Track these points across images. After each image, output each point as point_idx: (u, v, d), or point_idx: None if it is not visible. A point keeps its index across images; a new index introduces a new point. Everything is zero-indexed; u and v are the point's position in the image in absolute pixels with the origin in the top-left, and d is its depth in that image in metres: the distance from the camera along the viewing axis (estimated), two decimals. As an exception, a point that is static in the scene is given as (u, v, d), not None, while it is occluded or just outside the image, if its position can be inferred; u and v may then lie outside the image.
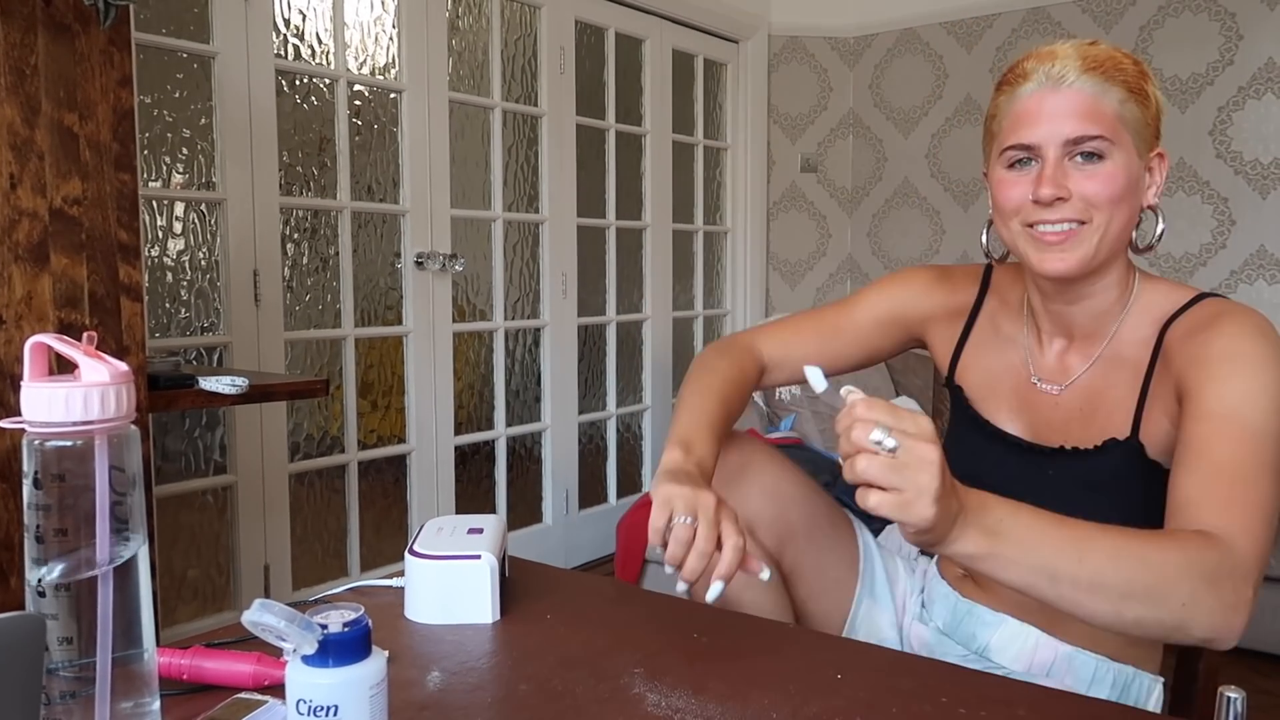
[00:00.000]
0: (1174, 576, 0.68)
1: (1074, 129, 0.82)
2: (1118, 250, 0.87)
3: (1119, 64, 0.84)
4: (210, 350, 2.10)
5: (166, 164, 2.02)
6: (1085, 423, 0.90)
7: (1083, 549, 0.68)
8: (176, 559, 2.05)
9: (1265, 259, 2.96)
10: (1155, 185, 0.89)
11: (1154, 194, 0.88)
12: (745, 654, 0.76)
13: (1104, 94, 0.82)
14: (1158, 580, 0.67)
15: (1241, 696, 0.52)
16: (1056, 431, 0.92)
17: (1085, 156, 0.83)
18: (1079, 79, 0.82)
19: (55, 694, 0.53)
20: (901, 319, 1.06)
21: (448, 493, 2.63)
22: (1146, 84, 0.85)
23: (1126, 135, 0.84)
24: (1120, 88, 0.83)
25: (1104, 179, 0.83)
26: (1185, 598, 0.67)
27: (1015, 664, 0.95)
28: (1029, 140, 0.84)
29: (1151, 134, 0.86)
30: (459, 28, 2.62)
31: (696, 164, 3.50)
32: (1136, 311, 0.90)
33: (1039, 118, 0.84)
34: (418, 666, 0.74)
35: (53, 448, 0.53)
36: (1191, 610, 0.67)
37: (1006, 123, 0.87)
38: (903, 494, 0.62)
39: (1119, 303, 0.90)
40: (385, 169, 2.45)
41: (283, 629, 0.51)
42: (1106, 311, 0.91)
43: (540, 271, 2.90)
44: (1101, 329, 0.91)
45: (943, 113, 3.52)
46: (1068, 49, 0.84)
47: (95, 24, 1.13)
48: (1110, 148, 0.83)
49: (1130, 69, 0.84)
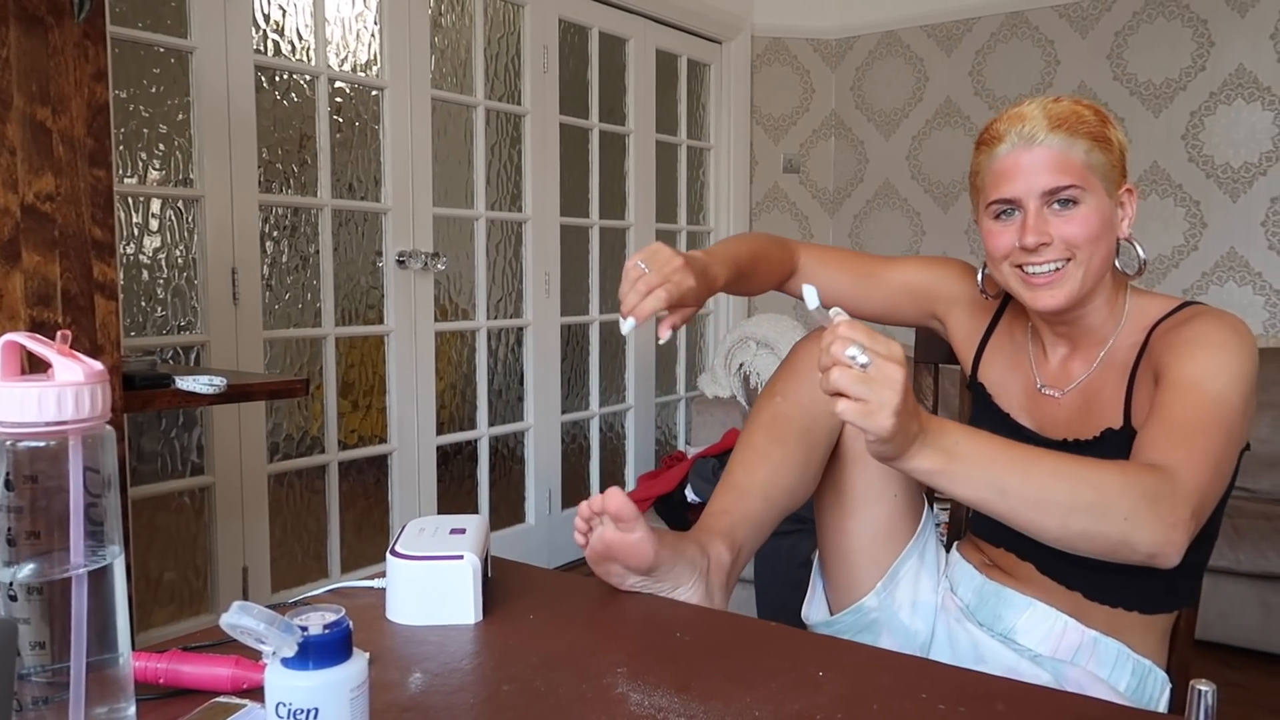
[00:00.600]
0: (1116, 493, 0.75)
1: (1049, 181, 0.92)
2: (1102, 275, 0.95)
3: (1081, 117, 0.93)
4: (187, 349, 2.08)
5: (143, 160, 2.00)
6: (1085, 419, 0.98)
7: (1031, 468, 0.76)
8: (153, 561, 2.03)
9: (1235, 261, 3.00)
10: (1127, 218, 0.97)
11: (1126, 225, 0.97)
12: (728, 652, 0.76)
13: (1071, 147, 0.92)
14: (1100, 496, 0.75)
15: (1212, 689, 0.53)
16: (1060, 428, 1.00)
17: (1061, 204, 0.92)
18: (1047, 136, 0.92)
19: (28, 700, 0.52)
20: (931, 294, 1.13)
21: (430, 493, 2.62)
22: (1108, 129, 0.94)
23: (1095, 180, 0.93)
24: (1085, 139, 0.92)
25: (1080, 221, 0.92)
26: (1127, 512, 0.75)
27: (1041, 646, 0.98)
28: (1010, 195, 0.94)
29: (1118, 174, 0.95)
30: (442, 25, 2.60)
31: (680, 164, 3.50)
32: (1129, 322, 0.98)
33: (1016, 174, 0.93)
34: (399, 668, 0.73)
35: (25, 448, 0.52)
36: (1133, 524, 0.75)
37: (989, 179, 0.96)
38: (868, 404, 0.70)
39: (1112, 317, 0.99)
40: (367, 167, 2.43)
41: (262, 631, 0.51)
42: (1101, 326, 0.99)
43: (523, 270, 2.89)
44: (1098, 338, 1.00)
45: (923, 115, 3.54)
46: (1034, 109, 0.94)
47: (69, 17, 1.12)
48: (1082, 193, 0.92)
49: (1092, 119, 0.93)
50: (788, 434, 1.03)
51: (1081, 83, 3.21)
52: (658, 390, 3.49)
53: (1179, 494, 0.77)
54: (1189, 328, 0.90)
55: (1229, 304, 3.01)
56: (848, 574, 1.07)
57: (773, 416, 1.04)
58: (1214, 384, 0.84)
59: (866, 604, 1.05)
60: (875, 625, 1.06)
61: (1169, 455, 0.80)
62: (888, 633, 1.05)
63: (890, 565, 1.05)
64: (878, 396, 0.69)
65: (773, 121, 3.70)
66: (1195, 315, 0.92)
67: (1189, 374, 0.85)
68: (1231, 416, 0.83)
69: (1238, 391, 0.84)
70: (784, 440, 1.02)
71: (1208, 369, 0.85)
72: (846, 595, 1.08)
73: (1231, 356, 0.86)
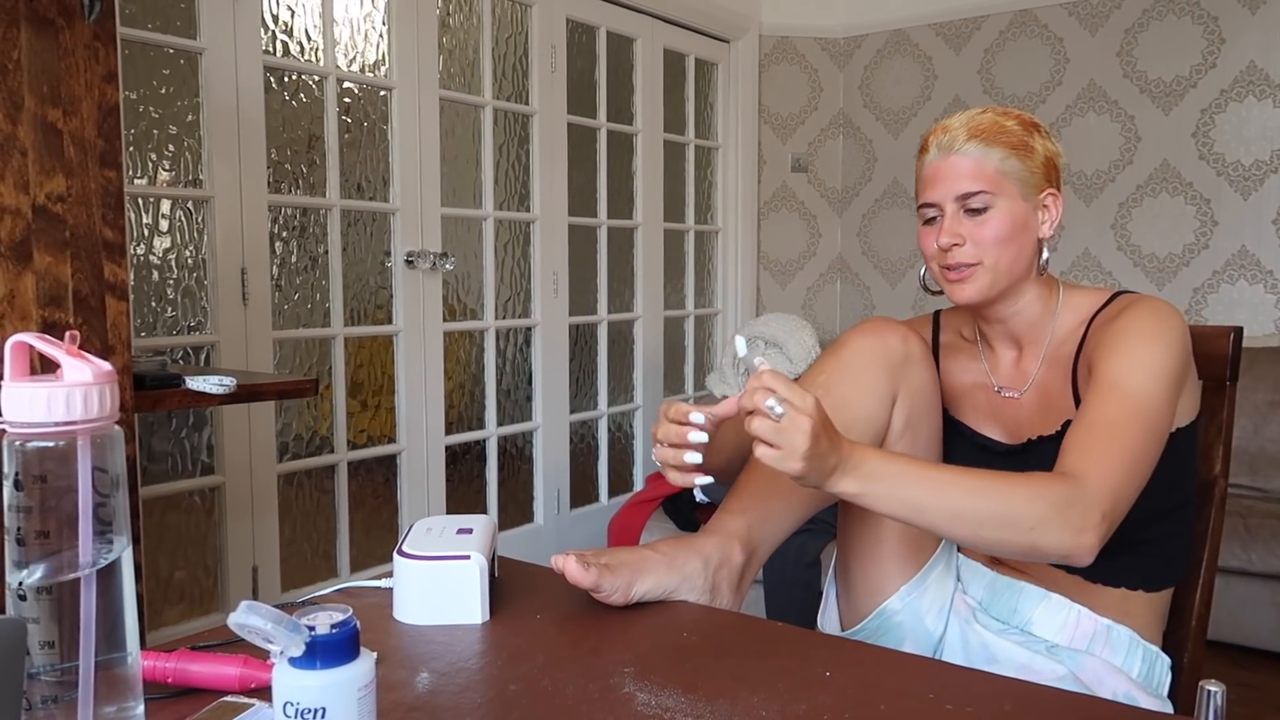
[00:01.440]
0: (1022, 505, 0.82)
1: (962, 187, 1.00)
2: (1016, 277, 1.02)
3: (1001, 128, 1.00)
4: (197, 349, 2.09)
5: (153, 161, 2.01)
6: (1045, 414, 1.04)
7: (944, 488, 0.83)
8: (163, 560, 2.04)
9: (1247, 259, 2.98)
10: (1049, 220, 1.03)
11: (1048, 228, 1.03)
12: (734, 652, 0.76)
13: (986, 156, 0.99)
14: (1007, 509, 0.82)
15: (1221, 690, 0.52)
16: (1025, 427, 1.05)
17: (973, 210, 1.00)
18: (964, 145, 1.00)
19: (37, 699, 0.52)
20: None
21: (438, 493, 2.62)
22: (1032, 138, 1.01)
23: (1009, 186, 1.00)
24: (1001, 148, 0.99)
25: (989, 226, 1.00)
26: (1033, 523, 0.82)
27: (1057, 636, 1.00)
28: (931, 199, 1.03)
29: (1040, 179, 1.01)
30: (450, 25, 2.61)
31: (687, 163, 3.50)
32: (1065, 315, 1.05)
33: (936, 180, 1.02)
34: (406, 667, 0.73)
35: (34, 448, 0.52)
36: (1039, 533, 0.82)
37: (919, 186, 1.05)
38: (780, 450, 0.77)
39: (1047, 311, 1.05)
40: (375, 167, 2.44)
41: (269, 631, 0.51)
42: (1038, 320, 1.06)
43: (531, 270, 2.89)
44: (1039, 334, 1.06)
45: (931, 113, 3.53)
46: (959, 121, 1.02)
47: (80, 18, 1.12)
48: (993, 199, 0.99)
49: (1014, 129, 1.00)
50: None
51: (1091, 80, 3.20)
52: (666, 390, 3.49)
53: (1088, 499, 0.83)
54: (1117, 321, 0.96)
55: (1240, 303, 2.99)
56: (873, 575, 1.05)
57: None
58: (1133, 380, 0.90)
59: (890, 606, 1.04)
60: (899, 629, 1.04)
61: (1084, 460, 0.86)
62: (911, 639, 1.04)
63: (920, 567, 1.04)
64: (789, 443, 0.76)
65: (781, 121, 3.70)
66: (1125, 307, 0.98)
67: (1111, 372, 0.92)
68: (1152, 409, 0.89)
69: (1160, 382, 0.90)
70: None
71: (1129, 364, 0.91)
72: (869, 598, 1.06)
73: (1155, 345, 0.92)
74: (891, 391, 1.03)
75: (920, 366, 1.04)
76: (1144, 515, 0.97)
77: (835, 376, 1.04)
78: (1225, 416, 1.07)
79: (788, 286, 3.77)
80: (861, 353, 1.03)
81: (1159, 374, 0.91)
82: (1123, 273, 3.19)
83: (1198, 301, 3.06)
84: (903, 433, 1.04)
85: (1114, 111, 3.17)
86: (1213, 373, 1.06)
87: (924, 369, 1.05)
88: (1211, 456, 1.07)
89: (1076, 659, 0.97)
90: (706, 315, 3.66)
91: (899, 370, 1.03)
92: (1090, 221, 3.23)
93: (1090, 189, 3.23)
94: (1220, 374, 1.06)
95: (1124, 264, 3.19)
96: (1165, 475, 0.96)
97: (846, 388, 1.02)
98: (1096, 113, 3.20)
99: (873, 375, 1.02)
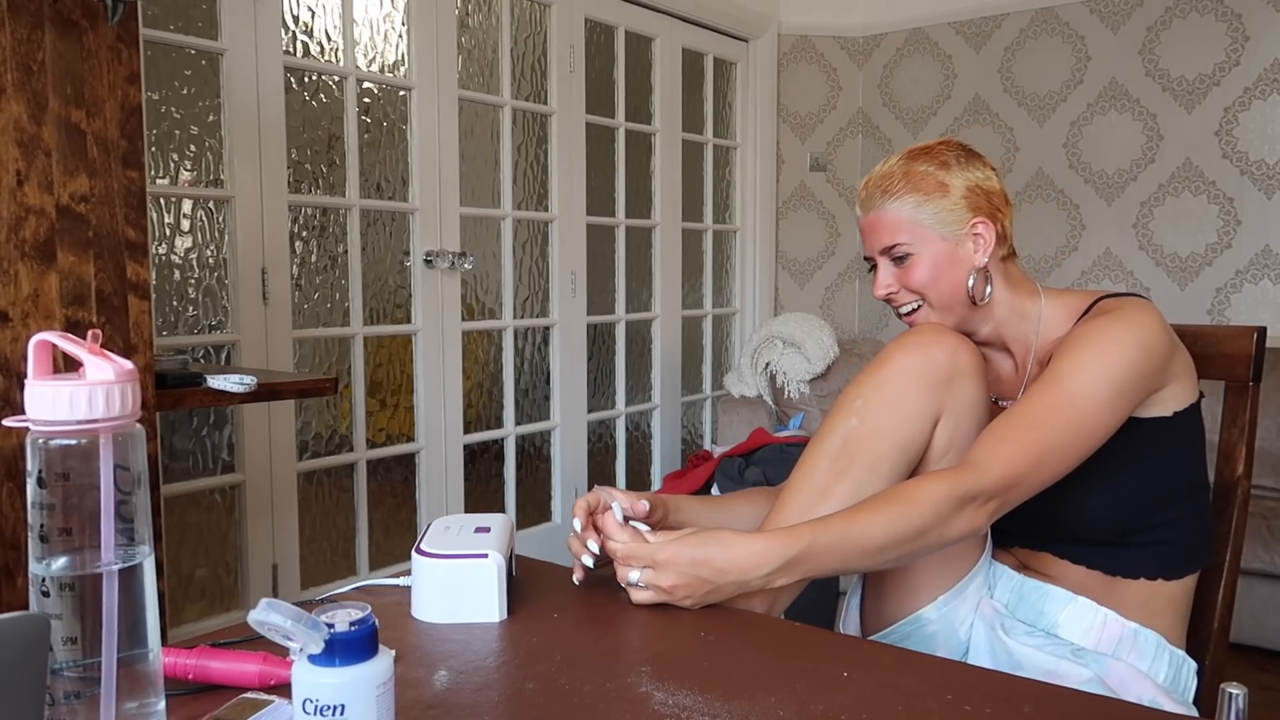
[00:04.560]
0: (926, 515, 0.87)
1: (883, 241, 1.05)
2: (961, 306, 1.05)
3: (911, 176, 1.03)
4: (218, 348, 2.11)
5: (174, 161, 2.03)
6: None
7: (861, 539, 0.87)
8: (185, 558, 2.06)
9: (1271, 259, 2.94)
10: (981, 249, 1.04)
11: (981, 256, 1.04)
12: (751, 652, 0.76)
13: (898, 208, 1.04)
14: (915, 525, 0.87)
15: (1243, 693, 0.52)
16: None
17: (897, 259, 1.05)
18: (878, 202, 1.05)
19: (59, 694, 0.53)
20: None
21: (457, 491, 2.63)
22: (948, 174, 1.03)
23: (925, 231, 1.03)
24: (913, 195, 1.03)
25: (914, 272, 1.04)
26: (939, 525, 0.88)
27: (1084, 639, 0.98)
28: (866, 254, 1.10)
29: (962, 211, 1.03)
30: (469, 25, 2.62)
31: (706, 163, 3.49)
32: (1050, 321, 1.06)
33: (865, 236, 1.09)
34: (424, 665, 0.73)
35: (57, 446, 0.53)
36: (944, 530, 0.88)
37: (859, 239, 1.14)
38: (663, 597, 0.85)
39: (1028, 322, 1.07)
40: (394, 167, 2.45)
41: (289, 628, 0.51)
42: (1020, 332, 1.08)
43: (549, 270, 2.90)
44: (1026, 345, 1.08)
45: (951, 113, 3.51)
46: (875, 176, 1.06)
47: (103, 20, 1.13)
48: (911, 246, 1.04)
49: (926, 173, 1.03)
50: (856, 466, 0.95)
51: (1113, 79, 3.16)
52: (684, 389, 3.48)
53: (978, 487, 0.88)
54: (1084, 325, 0.98)
55: (1264, 303, 2.95)
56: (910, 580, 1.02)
57: (843, 441, 0.96)
58: (1073, 380, 0.92)
59: (925, 615, 1.00)
60: (931, 639, 1.01)
61: (990, 449, 0.90)
62: (944, 649, 1.01)
63: (961, 577, 1.01)
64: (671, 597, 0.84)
65: (799, 120, 3.68)
66: (1099, 313, 0.99)
67: (1056, 370, 0.94)
68: (1083, 407, 0.91)
69: (1103, 383, 0.92)
70: (849, 474, 0.95)
71: (1073, 364, 0.93)
72: (900, 603, 1.02)
73: (1108, 348, 0.93)
74: (935, 412, 0.96)
75: (969, 382, 0.98)
76: (1144, 502, 0.98)
77: (873, 402, 0.96)
78: (1249, 417, 1.05)
79: (806, 286, 3.76)
80: (903, 372, 0.96)
81: (1102, 376, 0.92)
82: (1144, 273, 3.15)
83: (1220, 301, 3.03)
84: (944, 452, 0.97)
85: (1136, 110, 3.13)
86: (1236, 373, 1.05)
87: (973, 384, 0.98)
88: (1234, 457, 1.06)
89: (1102, 663, 0.95)
90: (725, 315, 3.65)
91: (944, 387, 0.96)
92: (1112, 221, 3.20)
93: (1111, 188, 3.20)
94: (1243, 374, 1.05)
95: (1146, 264, 3.15)
96: (1159, 462, 0.96)
97: (883, 414, 0.95)
98: (1118, 111, 3.16)
99: (913, 397, 0.95)
